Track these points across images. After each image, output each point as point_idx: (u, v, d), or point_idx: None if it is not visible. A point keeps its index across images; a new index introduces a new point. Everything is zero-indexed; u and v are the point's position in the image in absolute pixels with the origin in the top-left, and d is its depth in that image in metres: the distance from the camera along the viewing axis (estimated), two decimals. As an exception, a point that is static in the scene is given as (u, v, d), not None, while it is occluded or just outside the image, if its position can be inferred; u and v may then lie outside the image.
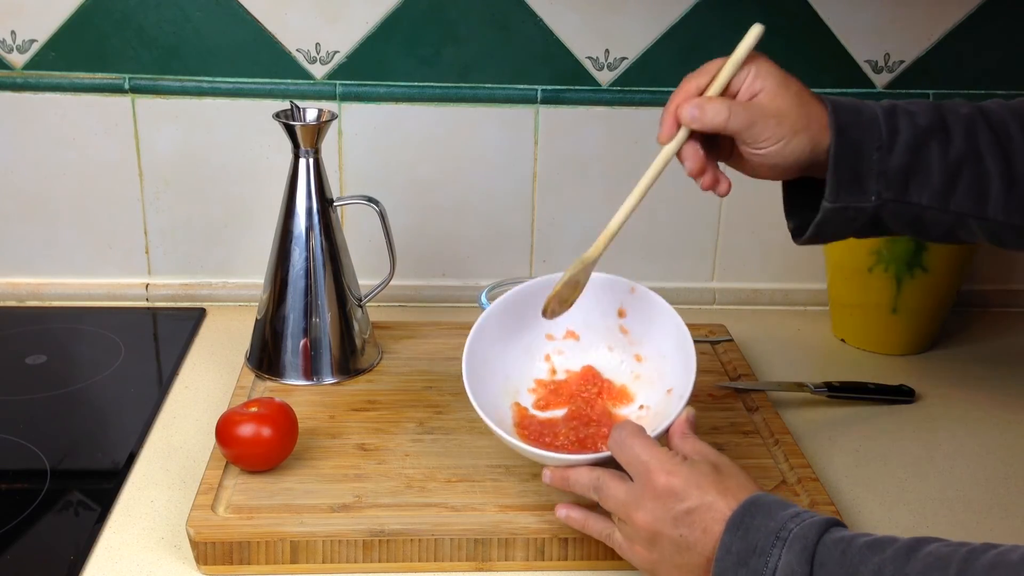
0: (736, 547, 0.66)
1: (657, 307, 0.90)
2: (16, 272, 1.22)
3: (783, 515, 0.66)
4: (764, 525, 0.66)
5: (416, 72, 1.16)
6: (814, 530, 0.65)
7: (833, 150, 0.80)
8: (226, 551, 0.78)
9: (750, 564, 0.65)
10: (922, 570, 0.59)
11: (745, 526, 0.67)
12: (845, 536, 0.64)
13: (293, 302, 1.02)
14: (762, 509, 0.67)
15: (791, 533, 0.65)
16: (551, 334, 0.94)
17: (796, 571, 0.63)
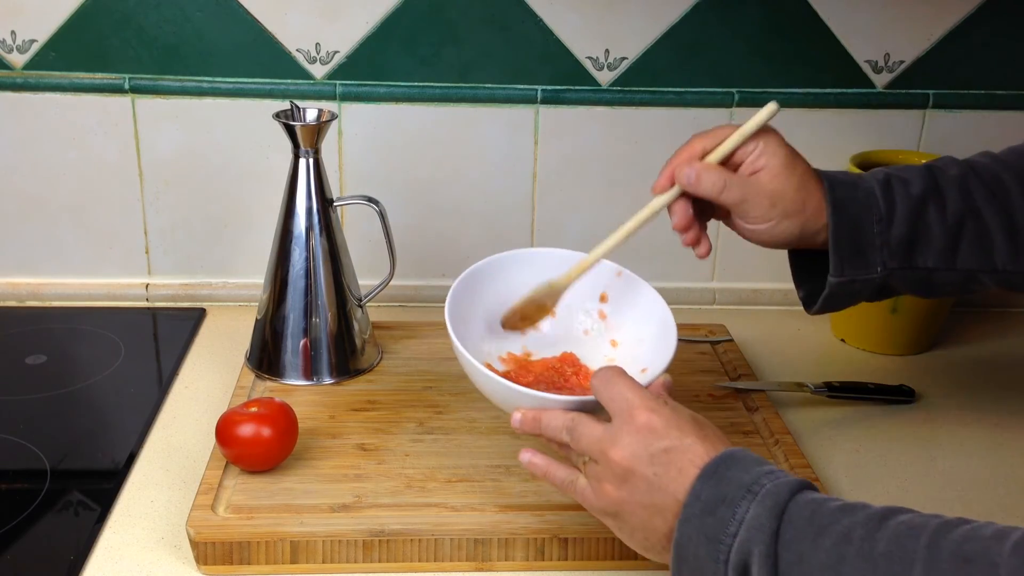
0: (706, 495, 0.65)
1: (642, 293, 0.89)
2: (16, 272, 1.22)
3: (758, 470, 0.66)
4: (737, 477, 0.65)
5: (416, 72, 1.16)
6: (787, 488, 0.64)
7: (832, 227, 0.82)
8: (226, 551, 0.79)
9: (717, 513, 0.64)
10: (892, 537, 0.59)
11: (719, 476, 0.66)
12: (817, 498, 0.64)
13: (293, 302, 1.02)
14: (738, 462, 0.67)
15: (763, 488, 0.64)
16: None
17: (764, 525, 0.62)
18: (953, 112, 1.21)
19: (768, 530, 0.62)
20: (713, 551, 0.64)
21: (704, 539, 0.64)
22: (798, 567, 0.60)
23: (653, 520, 0.69)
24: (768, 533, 0.62)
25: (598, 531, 0.80)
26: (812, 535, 0.61)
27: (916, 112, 1.20)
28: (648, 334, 0.88)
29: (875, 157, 1.17)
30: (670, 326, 0.85)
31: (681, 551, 0.66)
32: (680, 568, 0.66)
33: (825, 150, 1.20)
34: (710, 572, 0.64)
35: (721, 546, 0.63)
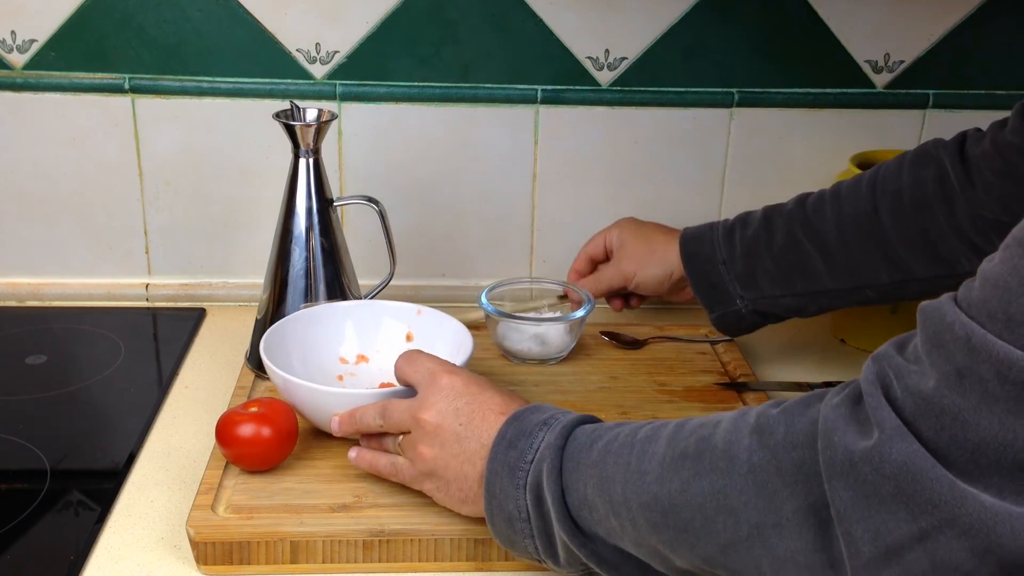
0: (510, 433, 0.73)
1: (442, 323, 0.99)
2: (16, 272, 1.22)
3: (555, 411, 0.74)
4: (536, 417, 0.74)
5: (416, 72, 1.16)
6: (577, 418, 0.73)
7: (689, 276, 1.04)
8: (226, 551, 0.78)
9: (518, 446, 0.72)
10: (648, 429, 0.67)
11: (520, 418, 0.74)
12: (603, 423, 0.73)
13: (293, 302, 1.02)
14: (538, 409, 0.75)
15: (556, 420, 0.72)
16: (344, 357, 1.00)
17: (552, 444, 0.70)
18: (953, 112, 1.21)
19: (555, 448, 0.70)
20: (513, 479, 0.71)
21: (507, 470, 0.71)
22: (576, 472, 0.68)
23: (464, 468, 0.76)
24: (555, 451, 0.70)
25: (598, 531, 0.80)
26: (588, 444, 0.69)
27: (916, 112, 1.20)
28: (451, 352, 0.95)
29: (875, 157, 1.17)
30: (466, 338, 0.95)
31: (490, 487, 0.72)
32: (491, 504, 0.73)
33: (825, 150, 1.21)
34: (511, 500, 0.71)
35: (520, 473, 0.71)
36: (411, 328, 1.01)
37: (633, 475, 0.65)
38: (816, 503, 0.55)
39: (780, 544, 0.57)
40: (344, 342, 1.00)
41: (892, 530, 0.51)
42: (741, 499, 0.59)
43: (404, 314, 1.01)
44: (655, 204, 1.23)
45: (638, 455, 0.65)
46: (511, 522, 0.72)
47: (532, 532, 0.71)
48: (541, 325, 1.05)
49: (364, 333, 1.01)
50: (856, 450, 0.53)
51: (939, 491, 0.50)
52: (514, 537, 0.72)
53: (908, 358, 0.55)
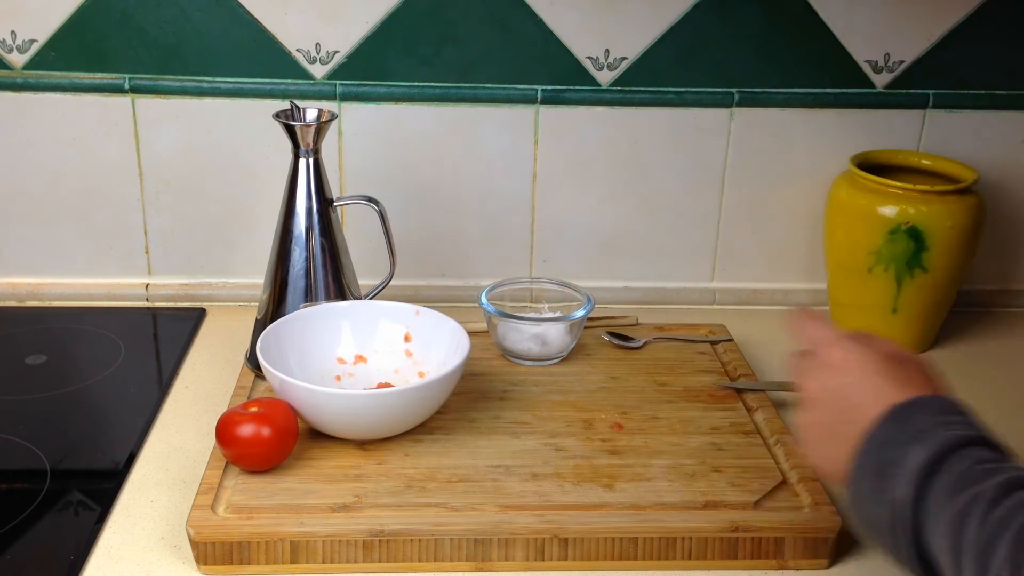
0: (889, 432, 0.66)
1: (440, 323, 0.98)
2: (16, 272, 1.22)
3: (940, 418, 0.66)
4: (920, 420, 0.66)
5: (416, 72, 1.16)
6: (952, 439, 0.64)
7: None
8: (226, 551, 0.78)
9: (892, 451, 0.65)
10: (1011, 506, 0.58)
11: (903, 418, 0.66)
12: (982, 454, 0.63)
13: (293, 302, 1.02)
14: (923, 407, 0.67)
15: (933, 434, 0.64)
16: (342, 358, 1.00)
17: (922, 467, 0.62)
18: (953, 112, 1.21)
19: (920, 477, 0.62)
20: (882, 486, 0.64)
21: (875, 474, 0.65)
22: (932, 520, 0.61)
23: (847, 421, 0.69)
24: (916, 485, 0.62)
25: (598, 531, 0.80)
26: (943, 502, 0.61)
27: (916, 112, 1.20)
28: (448, 354, 0.96)
29: (875, 157, 1.18)
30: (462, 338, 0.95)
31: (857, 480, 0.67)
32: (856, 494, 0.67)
33: (825, 150, 1.21)
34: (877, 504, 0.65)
35: (885, 481, 0.64)
36: (409, 329, 1.01)
37: None
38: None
39: None
40: (342, 343, 1.00)
41: None
42: None
43: (402, 315, 1.01)
44: (655, 204, 1.23)
45: None
46: (874, 522, 0.66)
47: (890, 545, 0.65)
48: (541, 325, 1.05)
49: (362, 334, 1.01)
50: None
51: None
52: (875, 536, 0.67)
53: None
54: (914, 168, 1.18)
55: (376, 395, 0.89)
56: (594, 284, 1.21)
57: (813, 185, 1.22)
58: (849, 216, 1.13)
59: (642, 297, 1.25)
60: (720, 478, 0.87)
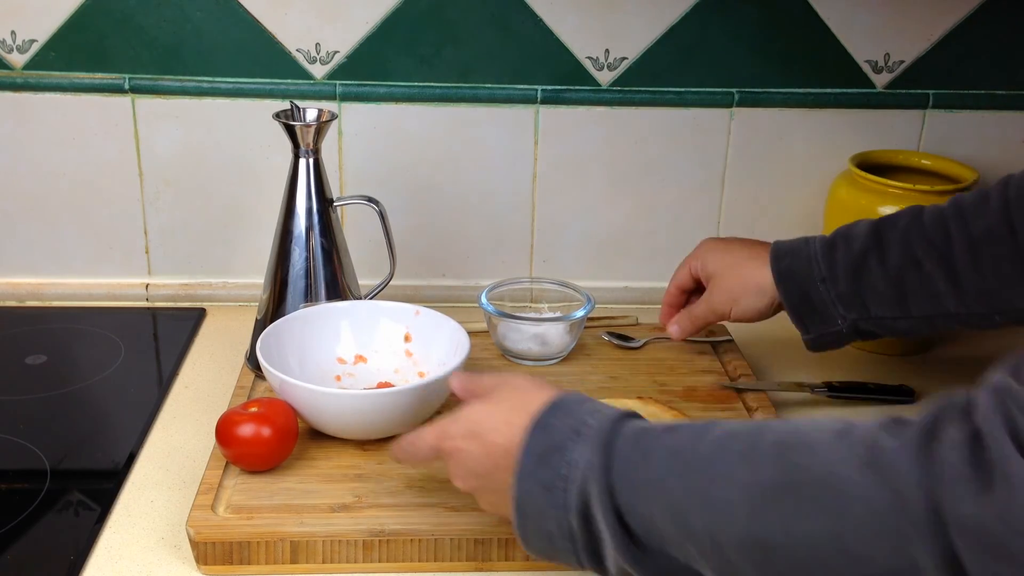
0: (538, 448, 0.67)
1: (440, 324, 0.98)
2: (16, 272, 1.22)
3: (582, 412, 0.68)
4: (563, 423, 0.67)
5: (416, 72, 1.16)
6: (611, 422, 0.66)
7: (782, 295, 0.96)
8: (226, 551, 0.78)
9: (550, 462, 0.66)
10: (714, 441, 0.62)
11: (545, 427, 0.68)
12: (643, 425, 0.67)
13: (293, 302, 1.02)
14: (561, 408, 0.69)
15: (589, 428, 0.66)
16: (342, 358, 1.00)
17: (594, 464, 0.64)
18: (953, 112, 1.21)
19: (599, 467, 0.64)
20: (551, 499, 0.65)
21: (540, 489, 0.66)
22: (633, 495, 0.63)
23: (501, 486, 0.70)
24: (600, 471, 0.64)
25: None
26: (640, 461, 0.63)
27: (916, 112, 1.20)
28: (448, 355, 0.96)
29: (875, 157, 1.17)
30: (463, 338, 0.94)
31: (522, 506, 0.67)
32: (523, 522, 0.68)
33: (825, 150, 1.21)
34: (552, 520, 0.66)
35: (557, 492, 0.65)
36: (409, 329, 1.01)
37: (713, 506, 0.59)
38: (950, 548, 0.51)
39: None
40: (342, 342, 1.00)
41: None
42: (862, 543, 0.54)
43: (402, 315, 1.01)
44: (655, 204, 1.23)
45: (712, 480, 0.60)
46: (551, 539, 0.67)
47: (576, 550, 0.66)
48: (541, 325, 1.05)
49: (362, 333, 1.01)
50: (983, 502, 0.50)
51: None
52: (554, 552, 0.68)
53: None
54: (914, 168, 1.18)
55: (376, 395, 0.89)
56: (594, 284, 1.21)
57: (813, 185, 1.22)
58: (849, 216, 1.13)
59: (642, 297, 1.25)
60: (720, 478, 0.87)
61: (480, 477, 0.72)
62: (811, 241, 0.95)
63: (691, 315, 1.04)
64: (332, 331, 1.00)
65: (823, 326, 0.95)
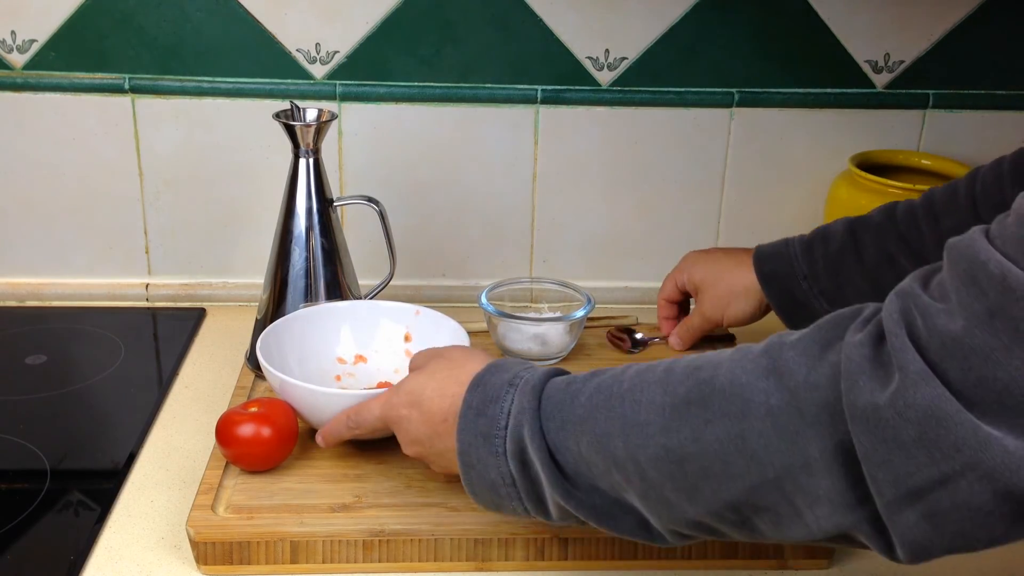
0: (475, 401, 0.71)
1: (440, 324, 0.98)
2: (16, 272, 1.22)
3: (516, 368, 0.73)
4: (498, 378, 0.72)
5: (416, 72, 1.16)
6: (542, 374, 0.71)
7: (768, 294, 1.00)
8: (226, 551, 0.78)
9: (487, 412, 0.70)
10: (633, 375, 0.66)
11: (482, 383, 0.72)
12: (569, 375, 0.71)
13: (293, 302, 1.02)
14: (498, 368, 0.73)
15: (522, 379, 0.71)
16: (342, 358, 1.00)
17: (526, 407, 0.68)
18: (953, 112, 1.21)
19: (531, 410, 0.68)
20: (491, 447, 0.69)
21: (481, 439, 0.70)
22: (562, 432, 0.67)
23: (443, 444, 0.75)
24: (531, 413, 0.68)
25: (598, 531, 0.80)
26: (568, 401, 0.67)
27: (916, 112, 1.20)
28: None
29: (875, 157, 1.18)
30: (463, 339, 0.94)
31: (465, 458, 0.71)
32: (469, 474, 0.71)
33: (825, 150, 1.21)
34: (493, 468, 0.69)
35: (496, 440, 0.69)
36: (409, 328, 1.01)
37: (633, 428, 0.63)
38: (843, 442, 0.55)
39: (810, 483, 0.57)
40: (342, 342, 1.00)
41: (913, 474, 0.52)
42: (761, 442, 0.58)
43: (402, 314, 1.01)
44: (655, 204, 1.23)
45: (631, 405, 0.64)
46: (495, 488, 0.71)
47: (519, 495, 0.70)
48: (541, 325, 1.05)
49: (362, 333, 1.01)
50: (879, 394, 0.53)
51: (963, 435, 0.50)
52: (499, 501, 0.71)
53: (933, 295, 0.54)
54: (914, 168, 1.18)
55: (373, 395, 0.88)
56: (594, 284, 1.22)
57: (813, 185, 1.22)
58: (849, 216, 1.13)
59: (642, 297, 1.25)
60: (720, 478, 0.87)
61: (422, 443, 0.77)
62: (791, 242, 1.00)
63: (688, 327, 1.09)
64: (332, 331, 1.00)
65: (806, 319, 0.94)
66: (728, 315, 1.04)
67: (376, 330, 1.01)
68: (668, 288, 1.10)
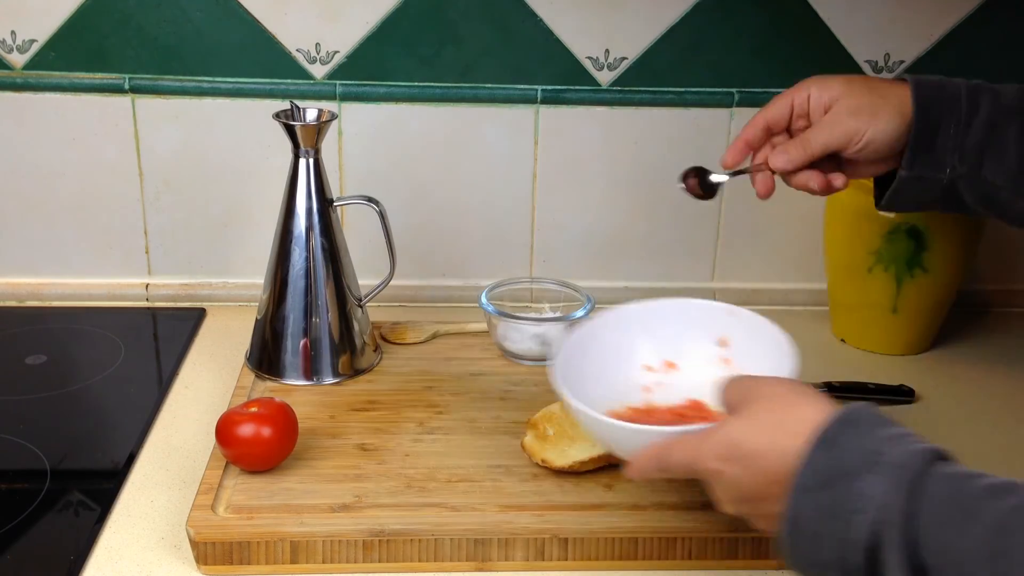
0: (822, 465, 0.59)
1: (758, 328, 0.85)
2: (16, 272, 1.22)
3: (875, 431, 0.60)
4: (855, 445, 0.59)
5: (416, 72, 1.16)
6: (918, 460, 0.57)
7: (914, 124, 0.83)
8: (226, 551, 0.79)
9: (836, 487, 0.58)
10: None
11: (835, 443, 0.60)
12: (956, 472, 0.57)
13: (293, 302, 1.02)
14: (853, 426, 0.61)
15: (886, 460, 0.58)
16: (650, 365, 0.89)
17: (893, 505, 0.56)
18: (953, 112, 1.20)
19: (899, 510, 0.55)
20: (833, 528, 0.58)
21: (820, 515, 0.59)
22: (942, 556, 0.54)
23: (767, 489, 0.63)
24: (900, 514, 0.55)
25: (598, 531, 0.80)
26: (958, 521, 0.54)
27: (916, 112, 1.20)
28: (770, 368, 0.80)
29: (875, 157, 1.17)
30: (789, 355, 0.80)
31: (796, 524, 0.60)
32: (795, 542, 0.61)
33: (825, 150, 1.21)
34: (829, 551, 0.58)
35: (839, 523, 0.58)
36: (725, 332, 0.87)
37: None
38: None
39: None
40: (645, 348, 0.88)
41: None
42: None
43: (712, 315, 0.88)
44: (655, 204, 1.23)
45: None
46: (823, 567, 0.60)
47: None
48: (541, 325, 1.05)
49: (668, 337, 0.88)
50: None
51: None
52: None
53: None
54: (914, 168, 1.18)
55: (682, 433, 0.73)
56: (594, 284, 1.21)
57: (813, 185, 1.22)
58: (849, 216, 1.13)
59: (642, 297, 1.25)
60: (720, 478, 0.87)
61: (749, 502, 0.65)
62: (955, 81, 0.86)
63: (806, 141, 0.86)
64: (634, 337, 0.88)
65: (926, 169, 0.84)
66: (873, 131, 0.83)
67: (685, 333, 0.88)
68: (778, 107, 0.89)
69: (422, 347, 1.10)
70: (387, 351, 1.09)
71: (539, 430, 0.90)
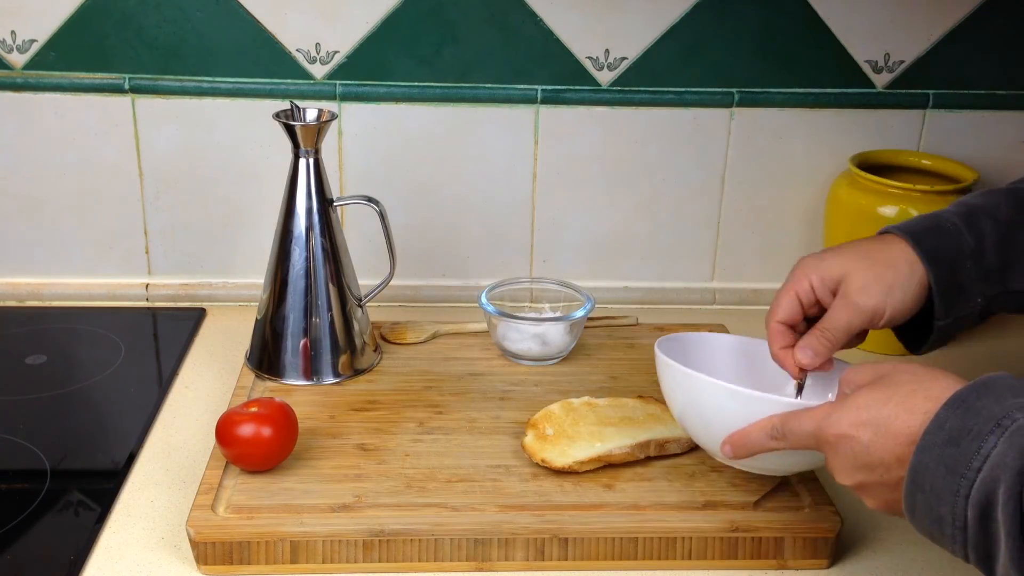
0: (949, 423, 0.61)
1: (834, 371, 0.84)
2: (16, 272, 1.22)
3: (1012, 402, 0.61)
4: (988, 408, 0.60)
5: (416, 72, 1.16)
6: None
7: (933, 279, 0.81)
8: (226, 551, 0.79)
9: (961, 444, 0.60)
10: None
11: (964, 403, 0.61)
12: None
13: (293, 302, 1.02)
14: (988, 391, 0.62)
15: (1015, 423, 0.59)
16: None
17: (1008, 464, 0.57)
18: (953, 112, 1.21)
19: (1014, 469, 0.57)
20: (952, 483, 0.60)
21: (943, 469, 0.60)
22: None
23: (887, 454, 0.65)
24: (1014, 473, 0.57)
25: (598, 531, 0.80)
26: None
27: (916, 112, 1.20)
28: None
29: (875, 157, 1.18)
30: None
31: (917, 478, 0.62)
32: (915, 497, 0.63)
33: (825, 150, 1.21)
34: (947, 504, 0.61)
35: (962, 480, 0.60)
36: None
37: None
38: None
39: None
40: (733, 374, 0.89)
41: None
42: None
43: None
44: (655, 204, 1.23)
45: None
46: (940, 523, 0.62)
47: (966, 542, 0.61)
48: (541, 325, 1.05)
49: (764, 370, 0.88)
50: None
51: None
52: (939, 536, 0.63)
53: None
54: (914, 168, 1.18)
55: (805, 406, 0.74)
56: (594, 284, 1.22)
57: (813, 185, 1.22)
58: (849, 216, 1.13)
59: (642, 297, 1.25)
60: (719, 478, 0.87)
61: (871, 469, 0.66)
62: (944, 216, 0.84)
63: (824, 331, 0.82)
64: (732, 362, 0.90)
65: (960, 309, 0.83)
66: (893, 306, 0.81)
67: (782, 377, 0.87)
68: (785, 305, 0.83)
69: (422, 347, 1.10)
70: (387, 351, 1.09)
71: (539, 430, 0.90)
